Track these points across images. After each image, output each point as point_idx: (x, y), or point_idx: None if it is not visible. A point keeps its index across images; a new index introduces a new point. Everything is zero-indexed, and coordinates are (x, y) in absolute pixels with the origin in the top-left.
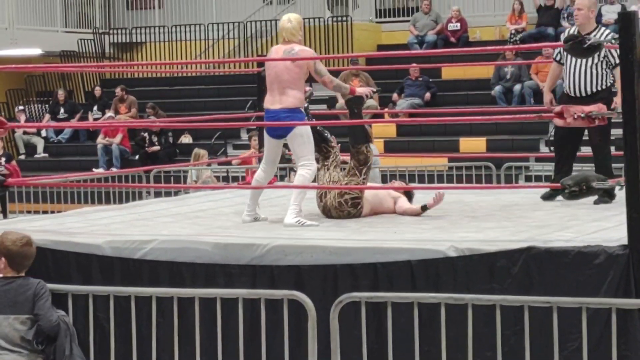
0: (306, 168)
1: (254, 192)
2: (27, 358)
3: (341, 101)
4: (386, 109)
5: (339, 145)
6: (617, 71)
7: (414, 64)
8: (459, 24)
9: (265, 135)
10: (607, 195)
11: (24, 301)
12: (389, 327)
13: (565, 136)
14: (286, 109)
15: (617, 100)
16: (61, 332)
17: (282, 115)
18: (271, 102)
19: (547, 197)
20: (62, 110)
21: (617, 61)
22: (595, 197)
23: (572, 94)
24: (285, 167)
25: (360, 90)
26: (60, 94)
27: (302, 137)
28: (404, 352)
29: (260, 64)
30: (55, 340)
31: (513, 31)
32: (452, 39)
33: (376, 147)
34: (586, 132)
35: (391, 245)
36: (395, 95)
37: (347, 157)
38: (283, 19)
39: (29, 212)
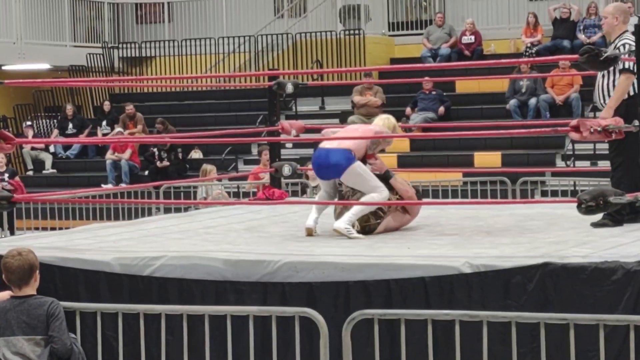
0: (377, 192)
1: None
2: None
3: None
4: (399, 123)
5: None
6: (622, 76)
7: (428, 78)
8: (473, 37)
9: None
10: (609, 218)
11: (37, 321)
12: (402, 344)
13: None
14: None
15: (610, 104)
16: (74, 355)
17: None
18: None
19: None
20: (70, 125)
21: (625, 67)
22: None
23: (599, 106)
24: (298, 182)
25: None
26: (69, 109)
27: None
28: None
29: (272, 78)
30: None
31: (528, 44)
32: (467, 52)
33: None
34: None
35: (404, 261)
36: (408, 110)
37: None
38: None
39: (36, 228)
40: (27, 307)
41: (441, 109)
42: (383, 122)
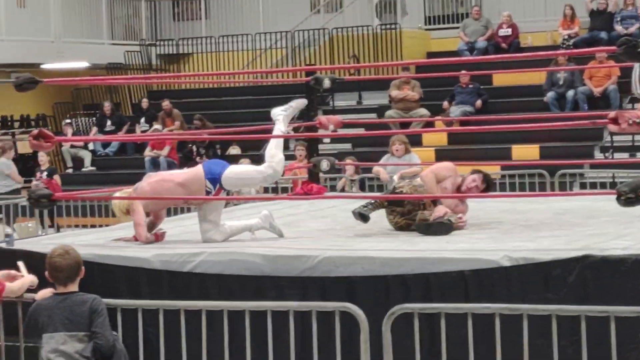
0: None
1: None
2: None
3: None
4: (437, 117)
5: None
6: None
7: (464, 71)
8: (510, 30)
9: None
10: None
11: (80, 318)
12: (442, 338)
13: None
14: None
15: None
16: (117, 352)
17: None
18: None
19: None
20: (109, 122)
21: None
22: None
23: (638, 97)
24: (335, 177)
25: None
26: (107, 106)
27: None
28: None
29: (309, 74)
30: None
31: (565, 36)
32: (503, 45)
33: (417, 156)
34: None
35: (443, 255)
36: (445, 103)
37: None
38: None
39: (76, 226)
40: (70, 304)
41: (478, 102)
42: None
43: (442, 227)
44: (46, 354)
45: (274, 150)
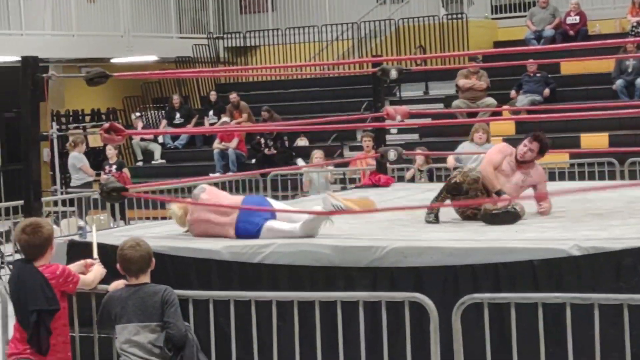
0: None
1: None
2: None
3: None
4: (504, 106)
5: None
6: None
7: (532, 60)
8: (578, 17)
9: None
10: None
11: (152, 308)
12: (512, 328)
13: None
14: None
15: None
16: (189, 342)
17: None
18: None
19: None
20: (177, 115)
21: None
22: None
23: None
24: (403, 167)
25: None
26: (176, 99)
27: None
28: (528, 354)
29: (376, 65)
30: (181, 349)
31: (634, 23)
32: (571, 33)
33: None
34: None
35: (512, 245)
36: (513, 92)
37: None
38: None
39: (147, 218)
40: (142, 295)
41: (546, 91)
42: None
43: (509, 216)
44: (120, 344)
45: (313, 224)
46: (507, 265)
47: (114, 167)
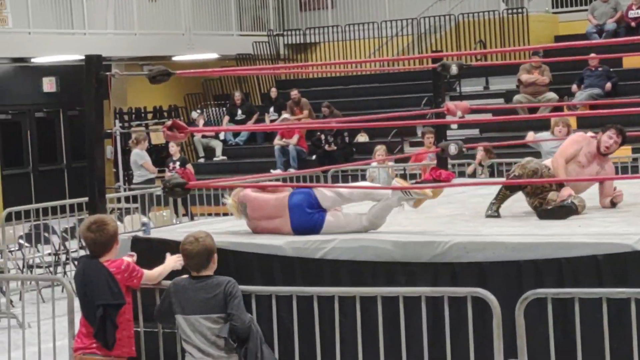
0: None
1: None
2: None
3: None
4: (565, 101)
5: None
6: None
7: (594, 55)
8: None
9: None
10: None
11: (215, 300)
12: (576, 324)
13: None
14: None
15: None
16: (253, 333)
17: None
18: None
19: None
20: (239, 112)
21: None
22: None
23: None
24: (464, 162)
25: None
26: (237, 96)
27: None
28: (593, 350)
29: (436, 60)
30: (245, 341)
31: None
32: (633, 25)
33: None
34: None
35: (576, 240)
36: (574, 87)
37: None
38: None
39: (209, 214)
40: (205, 287)
41: (608, 85)
42: None
43: (562, 211)
44: (182, 336)
45: (381, 213)
46: (570, 260)
47: (178, 163)
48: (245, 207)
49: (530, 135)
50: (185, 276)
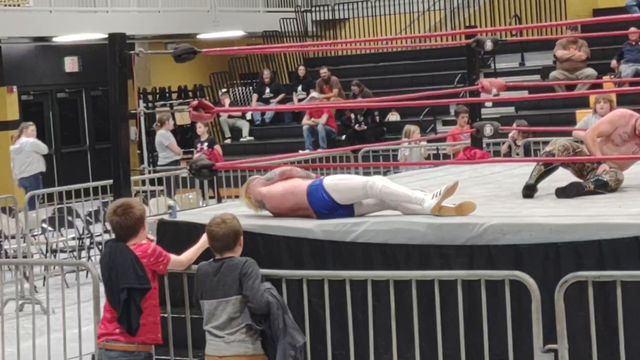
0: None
1: None
2: (245, 345)
3: None
4: (605, 78)
5: None
6: None
7: (634, 29)
8: None
9: None
10: None
11: (232, 282)
12: (618, 308)
13: None
14: None
15: None
16: (272, 307)
17: None
18: None
19: None
20: (267, 90)
21: None
22: None
23: None
24: (499, 142)
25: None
26: (266, 74)
27: None
28: (635, 335)
29: (469, 36)
30: (266, 318)
31: None
32: None
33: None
34: None
35: (617, 220)
36: (614, 62)
37: None
38: None
39: (236, 196)
40: (225, 270)
41: None
42: None
43: (573, 188)
44: (204, 319)
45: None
46: (611, 242)
47: (205, 144)
48: (263, 203)
49: (578, 134)
50: (207, 261)
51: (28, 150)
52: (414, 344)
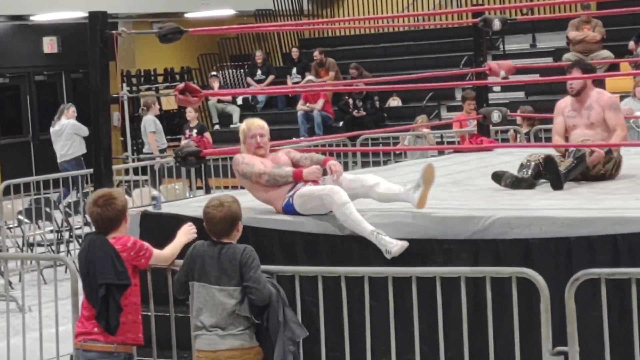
0: None
1: None
2: (241, 338)
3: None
4: (622, 59)
5: None
6: None
7: None
8: None
9: None
10: None
11: (230, 270)
12: (634, 307)
13: None
14: None
15: None
16: (272, 298)
17: None
18: None
19: None
20: (259, 72)
21: None
22: None
23: None
24: (507, 129)
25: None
26: (259, 55)
27: None
28: None
29: (476, 15)
30: (264, 310)
31: None
32: None
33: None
34: None
35: (633, 214)
36: (631, 43)
37: None
38: None
39: (226, 187)
40: (223, 258)
41: None
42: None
43: (549, 163)
44: (195, 304)
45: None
46: (627, 236)
47: (195, 131)
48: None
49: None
50: (205, 241)
51: (69, 132)
52: (414, 346)
